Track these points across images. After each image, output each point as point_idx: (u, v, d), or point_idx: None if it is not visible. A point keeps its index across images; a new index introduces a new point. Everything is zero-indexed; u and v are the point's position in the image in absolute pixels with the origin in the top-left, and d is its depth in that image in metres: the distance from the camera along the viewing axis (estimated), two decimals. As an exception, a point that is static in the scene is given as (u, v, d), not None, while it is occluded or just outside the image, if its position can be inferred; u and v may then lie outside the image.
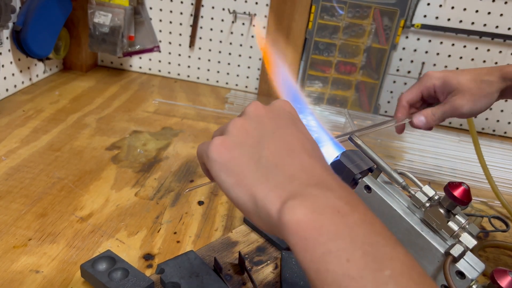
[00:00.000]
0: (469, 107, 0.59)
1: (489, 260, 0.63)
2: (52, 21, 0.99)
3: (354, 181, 0.39)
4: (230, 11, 1.13)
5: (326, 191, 0.27)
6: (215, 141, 0.30)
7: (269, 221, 0.27)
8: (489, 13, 1.04)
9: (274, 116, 0.32)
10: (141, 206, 0.65)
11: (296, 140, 0.31)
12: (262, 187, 0.28)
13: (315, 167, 0.29)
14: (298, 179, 0.28)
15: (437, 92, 0.62)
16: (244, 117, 0.32)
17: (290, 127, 0.32)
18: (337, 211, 0.25)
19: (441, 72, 0.62)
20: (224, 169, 0.30)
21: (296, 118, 0.34)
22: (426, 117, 0.60)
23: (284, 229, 0.26)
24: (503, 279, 0.32)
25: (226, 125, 0.32)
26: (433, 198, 0.37)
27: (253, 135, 0.31)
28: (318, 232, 0.25)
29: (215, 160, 0.30)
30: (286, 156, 0.29)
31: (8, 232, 0.56)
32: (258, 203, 0.28)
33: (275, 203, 0.27)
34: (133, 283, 0.47)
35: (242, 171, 0.29)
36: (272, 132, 0.31)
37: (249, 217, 0.29)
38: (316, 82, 1.15)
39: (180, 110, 1.03)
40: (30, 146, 0.77)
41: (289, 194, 0.27)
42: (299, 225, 0.25)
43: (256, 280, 0.52)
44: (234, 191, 0.29)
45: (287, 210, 0.26)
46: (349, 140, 0.40)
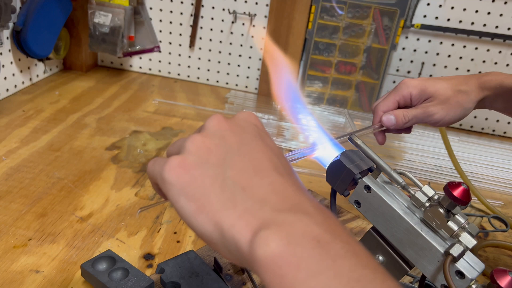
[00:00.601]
0: (441, 115, 0.57)
1: (489, 260, 0.63)
2: (52, 21, 0.99)
3: (354, 181, 0.39)
4: (230, 11, 1.13)
5: (302, 217, 0.23)
6: (171, 161, 0.26)
7: (238, 254, 0.24)
8: (489, 13, 1.04)
9: (238, 131, 0.29)
10: (141, 206, 0.65)
11: (263, 156, 0.27)
12: (229, 214, 0.24)
13: (287, 187, 0.26)
14: (269, 203, 0.25)
15: (413, 101, 0.59)
16: (205, 133, 0.28)
17: (256, 142, 0.28)
18: (316, 241, 0.22)
19: (418, 80, 0.59)
20: (183, 193, 0.26)
21: (262, 131, 0.30)
22: (396, 117, 0.58)
23: (256, 264, 0.22)
24: (502, 279, 0.32)
25: (183, 141, 0.28)
26: (433, 198, 0.37)
27: (216, 153, 0.27)
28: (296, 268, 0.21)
29: (172, 183, 0.26)
30: (254, 176, 0.26)
31: (8, 232, 0.56)
32: (225, 233, 0.24)
33: (245, 234, 0.23)
34: (133, 283, 0.47)
35: (205, 195, 0.25)
36: (237, 148, 0.27)
37: (214, 248, 0.25)
38: (316, 82, 1.15)
39: (180, 110, 1.03)
40: (30, 146, 0.77)
41: (261, 222, 0.23)
42: (273, 260, 0.21)
43: (256, 280, 0.52)
44: (196, 219, 0.25)
45: (259, 243, 0.22)
46: (349, 140, 0.40)
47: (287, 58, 0.42)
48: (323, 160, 0.42)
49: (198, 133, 0.29)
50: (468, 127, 1.17)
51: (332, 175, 0.40)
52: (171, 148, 0.30)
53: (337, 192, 0.40)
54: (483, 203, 0.74)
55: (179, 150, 0.28)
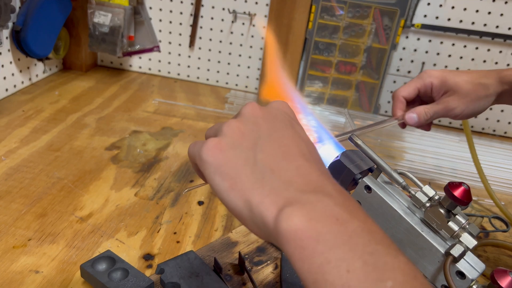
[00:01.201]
0: (461, 109, 0.59)
1: (489, 260, 0.63)
2: (52, 21, 0.99)
3: (354, 181, 0.39)
4: (230, 11, 1.13)
5: (324, 198, 0.26)
6: (209, 142, 0.29)
7: (264, 228, 0.26)
8: (490, 13, 1.04)
9: (270, 118, 0.31)
10: (141, 206, 0.65)
11: (292, 143, 0.30)
12: (258, 192, 0.27)
13: (312, 172, 0.28)
14: (295, 184, 0.27)
15: (434, 91, 0.61)
16: (240, 119, 0.31)
17: (287, 129, 0.31)
18: (335, 219, 0.25)
19: (439, 71, 0.61)
20: (218, 172, 0.28)
21: (293, 120, 0.33)
22: (418, 115, 0.59)
23: (280, 237, 0.25)
24: (503, 279, 0.32)
25: (220, 125, 0.31)
26: (433, 198, 0.37)
27: (249, 137, 0.29)
28: (316, 241, 0.24)
29: (209, 162, 0.28)
30: (282, 160, 0.28)
31: (7, 232, 0.56)
32: (253, 209, 0.27)
33: (271, 210, 0.26)
34: (133, 283, 0.46)
35: (237, 174, 0.28)
36: (268, 134, 0.30)
37: (243, 223, 0.28)
38: (316, 82, 1.15)
39: (180, 110, 1.03)
40: (29, 146, 0.77)
41: (286, 200, 0.26)
42: (296, 233, 0.24)
43: (256, 280, 0.52)
44: (229, 195, 0.28)
45: (283, 218, 0.25)
46: (349, 140, 0.40)
47: (286, 59, 0.43)
48: (323, 160, 0.42)
49: (235, 118, 0.31)
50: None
51: (332, 175, 0.40)
52: (209, 131, 0.33)
53: (337, 192, 0.40)
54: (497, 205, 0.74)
55: (216, 133, 0.31)
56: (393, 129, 1.06)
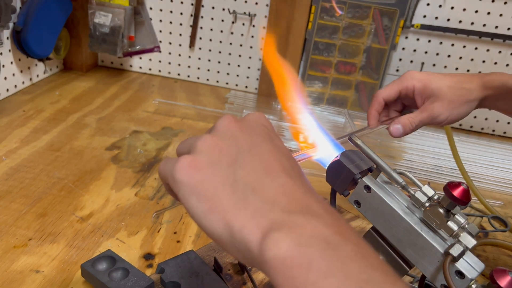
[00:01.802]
0: (445, 116, 0.57)
1: (489, 260, 0.63)
2: (52, 21, 1.00)
3: (353, 181, 0.39)
4: (230, 11, 1.13)
5: (312, 218, 0.24)
6: (182, 160, 0.26)
7: (248, 254, 0.24)
8: (489, 13, 1.04)
9: (249, 131, 0.29)
10: (141, 206, 0.65)
11: (273, 158, 0.27)
12: (240, 214, 0.24)
13: (296, 189, 0.26)
14: (280, 204, 0.25)
15: (416, 94, 0.59)
16: (216, 133, 0.28)
17: (266, 143, 0.28)
18: (326, 243, 0.22)
19: (422, 74, 0.59)
20: (195, 193, 0.26)
21: (272, 133, 0.30)
22: (403, 126, 0.57)
23: (267, 265, 0.22)
24: (502, 278, 0.32)
25: (194, 141, 0.28)
26: (433, 198, 0.37)
27: (227, 153, 0.27)
28: (307, 270, 0.21)
29: (184, 182, 0.26)
30: (264, 177, 0.26)
31: (8, 232, 0.56)
32: (235, 234, 0.24)
33: (255, 235, 0.23)
34: (133, 283, 0.47)
35: (216, 195, 0.25)
36: (248, 149, 0.28)
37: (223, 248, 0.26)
38: (316, 82, 1.15)
39: (180, 110, 1.03)
40: (30, 146, 0.77)
41: (271, 223, 0.24)
42: (284, 261, 0.22)
43: (256, 280, 0.52)
44: (206, 219, 0.25)
45: (269, 244, 0.22)
46: (349, 140, 0.40)
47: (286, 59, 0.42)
48: (323, 160, 0.42)
49: (209, 133, 0.29)
50: (468, 127, 1.17)
51: (332, 175, 0.40)
52: (181, 147, 0.30)
53: (337, 192, 0.40)
54: (482, 202, 0.74)
55: (189, 150, 0.28)
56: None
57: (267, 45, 0.44)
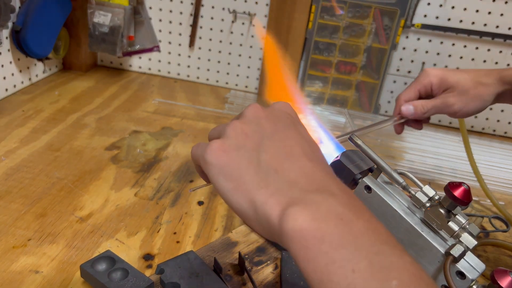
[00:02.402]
0: (460, 106, 0.59)
1: (489, 261, 0.63)
2: (52, 21, 0.99)
3: (354, 181, 0.39)
4: (230, 10, 1.13)
5: (328, 197, 0.26)
6: (212, 144, 0.29)
7: (269, 228, 0.26)
8: (490, 12, 1.04)
9: (273, 119, 0.31)
10: (141, 206, 0.65)
11: (295, 143, 0.30)
12: (262, 193, 0.27)
13: (315, 171, 0.28)
14: (299, 184, 0.27)
15: (434, 90, 0.61)
16: (243, 120, 0.31)
17: (289, 130, 0.31)
18: (340, 219, 0.24)
19: (439, 70, 0.61)
20: (222, 173, 0.28)
21: (296, 120, 0.33)
22: (415, 107, 0.59)
23: (285, 237, 0.25)
24: (503, 279, 0.32)
25: (223, 127, 0.31)
26: (433, 198, 0.37)
27: (252, 138, 0.30)
28: (320, 241, 0.23)
29: (213, 164, 0.29)
30: (285, 160, 0.28)
31: (7, 232, 0.56)
32: (258, 209, 0.27)
33: (276, 210, 0.26)
34: (132, 284, 0.46)
35: (241, 175, 0.28)
36: (271, 135, 0.30)
37: (248, 224, 0.28)
38: (316, 82, 1.15)
39: (180, 110, 1.03)
40: (29, 146, 0.77)
41: (290, 200, 0.26)
42: (300, 233, 0.24)
43: (256, 281, 0.52)
44: (233, 196, 0.28)
45: (288, 218, 0.25)
46: (349, 140, 0.40)
47: (286, 59, 0.43)
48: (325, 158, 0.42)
49: (237, 119, 0.31)
50: (468, 127, 1.17)
51: (332, 175, 0.40)
52: (212, 133, 0.33)
53: (337, 192, 0.40)
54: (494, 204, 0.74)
55: (219, 135, 0.31)
56: (393, 129, 1.06)
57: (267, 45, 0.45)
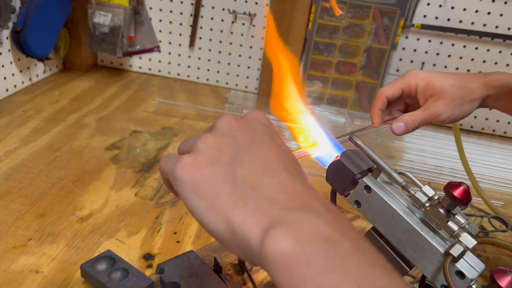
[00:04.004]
0: (448, 115, 0.58)
1: (489, 260, 0.63)
2: (52, 21, 0.99)
3: (354, 181, 0.39)
4: (230, 11, 1.13)
5: (311, 215, 0.24)
6: (183, 160, 0.27)
7: (248, 251, 0.24)
8: (489, 13, 1.04)
9: (248, 130, 0.29)
10: (141, 206, 0.65)
11: (273, 156, 0.28)
12: (240, 212, 0.25)
13: (296, 186, 0.26)
14: (279, 201, 0.25)
15: (418, 93, 0.59)
16: (215, 132, 0.29)
17: (266, 142, 0.29)
18: (325, 239, 0.23)
19: (425, 73, 0.60)
20: (194, 191, 0.26)
21: (272, 131, 0.31)
22: (405, 124, 0.58)
23: (266, 261, 0.23)
24: (503, 279, 0.32)
25: (195, 140, 0.29)
26: (433, 198, 0.37)
27: (226, 152, 0.27)
28: (305, 266, 0.22)
29: (184, 181, 0.26)
30: (263, 175, 0.26)
31: (7, 232, 0.56)
32: (236, 231, 0.25)
33: (255, 232, 0.24)
34: (133, 283, 0.47)
35: (216, 193, 0.26)
36: (247, 148, 0.28)
37: (224, 245, 0.26)
38: (316, 82, 1.15)
39: (180, 110, 1.03)
40: (29, 146, 0.77)
41: (271, 220, 0.24)
42: (283, 258, 0.22)
43: (256, 280, 0.52)
44: (207, 217, 0.26)
45: (269, 241, 0.23)
46: (349, 140, 0.40)
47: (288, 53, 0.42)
48: (323, 160, 0.42)
49: (209, 132, 0.29)
50: (468, 127, 1.17)
51: (332, 175, 0.40)
52: (182, 146, 0.31)
53: (337, 192, 0.40)
54: (486, 203, 0.74)
55: (190, 149, 0.28)
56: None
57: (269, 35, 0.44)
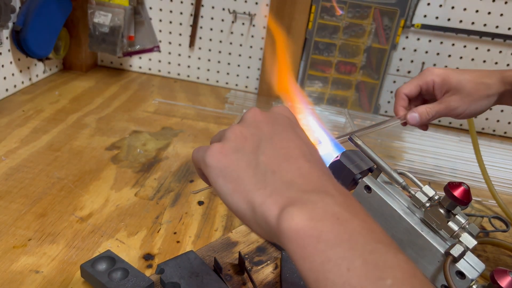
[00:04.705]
0: (463, 109, 0.59)
1: (489, 260, 0.63)
2: (52, 21, 0.99)
3: (354, 181, 0.39)
4: (230, 11, 1.13)
5: (325, 197, 0.26)
6: (212, 148, 0.30)
7: (267, 228, 0.27)
8: (489, 13, 1.04)
9: (272, 122, 0.32)
10: (141, 206, 0.65)
11: (293, 145, 0.31)
12: (260, 193, 0.28)
13: (313, 172, 0.29)
14: (296, 185, 0.28)
15: (435, 89, 0.61)
16: (242, 124, 0.32)
17: (287, 132, 0.32)
18: (336, 218, 0.25)
19: (442, 69, 0.61)
20: (221, 175, 0.29)
21: (294, 123, 0.34)
22: (420, 114, 0.60)
23: (282, 236, 0.25)
24: (503, 279, 0.32)
25: (224, 131, 0.32)
26: (433, 198, 0.37)
27: (251, 141, 0.30)
28: (317, 240, 0.24)
29: (213, 166, 0.30)
30: (283, 162, 0.29)
31: (8, 232, 0.56)
32: (256, 210, 0.27)
33: (273, 210, 0.26)
34: (133, 283, 0.47)
35: (240, 177, 0.29)
36: (269, 137, 0.31)
37: (247, 224, 0.29)
38: (316, 82, 1.15)
39: (180, 110, 1.03)
40: (30, 146, 0.77)
41: (287, 200, 0.26)
42: (297, 232, 0.25)
43: (256, 280, 0.52)
44: (232, 198, 0.29)
45: (285, 217, 0.25)
46: (349, 140, 0.40)
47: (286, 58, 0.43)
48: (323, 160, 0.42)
49: (238, 124, 0.32)
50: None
51: (332, 175, 0.40)
52: (214, 137, 0.34)
53: (337, 192, 0.40)
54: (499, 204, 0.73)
55: (220, 139, 0.32)
56: (393, 129, 1.06)
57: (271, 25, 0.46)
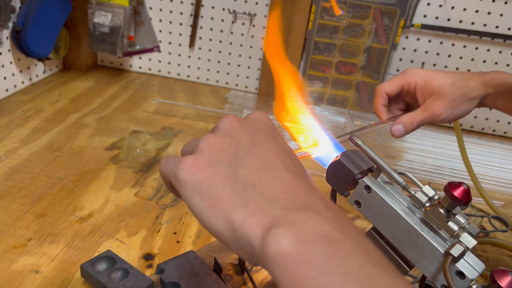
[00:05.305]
0: (447, 114, 0.58)
1: (489, 260, 0.63)
2: (52, 21, 0.99)
3: (354, 181, 0.39)
4: (230, 11, 1.13)
5: (313, 215, 0.24)
6: (185, 160, 0.27)
7: (250, 250, 0.24)
8: (489, 13, 1.04)
9: (250, 130, 0.29)
10: (141, 206, 0.65)
11: (274, 155, 0.28)
12: (241, 212, 0.25)
13: (297, 186, 0.26)
14: (280, 200, 0.25)
15: (417, 91, 0.59)
16: (217, 133, 0.29)
17: (267, 142, 0.29)
18: (327, 239, 0.23)
19: (424, 71, 0.59)
20: (196, 192, 0.26)
21: (273, 131, 0.31)
22: (404, 125, 0.58)
23: (267, 261, 0.23)
24: (503, 279, 0.32)
25: (197, 141, 0.29)
26: (433, 198, 0.37)
27: (228, 152, 0.27)
28: (307, 266, 0.22)
29: (186, 181, 0.26)
30: (264, 175, 0.26)
31: (7, 232, 0.56)
32: (237, 231, 0.24)
33: (257, 231, 0.24)
34: (133, 283, 0.47)
35: (217, 193, 0.26)
36: (248, 148, 0.28)
37: (226, 245, 0.26)
38: (316, 82, 1.15)
39: (180, 110, 1.03)
40: (29, 146, 0.77)
41: (272, 220, 0.24)
42: (285, 257, 0.22)
43: (256, 280, 0.52)
44: (209, 217, 0.26)
45: (270, 240, 0.23)
46: (349, 140, 0.40)
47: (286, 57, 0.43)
48: (323, 160, 0.42)
49: (211, 133, 0.29)
50: (468, 127, 1.17)
51: (332, 175, 0.40)
52: (185, 148, 0.31)
53: (337, 192, 0.40)
54: (487, 203, 0.74)
55: (192, 150, 0.29)
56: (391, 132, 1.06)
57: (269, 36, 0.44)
